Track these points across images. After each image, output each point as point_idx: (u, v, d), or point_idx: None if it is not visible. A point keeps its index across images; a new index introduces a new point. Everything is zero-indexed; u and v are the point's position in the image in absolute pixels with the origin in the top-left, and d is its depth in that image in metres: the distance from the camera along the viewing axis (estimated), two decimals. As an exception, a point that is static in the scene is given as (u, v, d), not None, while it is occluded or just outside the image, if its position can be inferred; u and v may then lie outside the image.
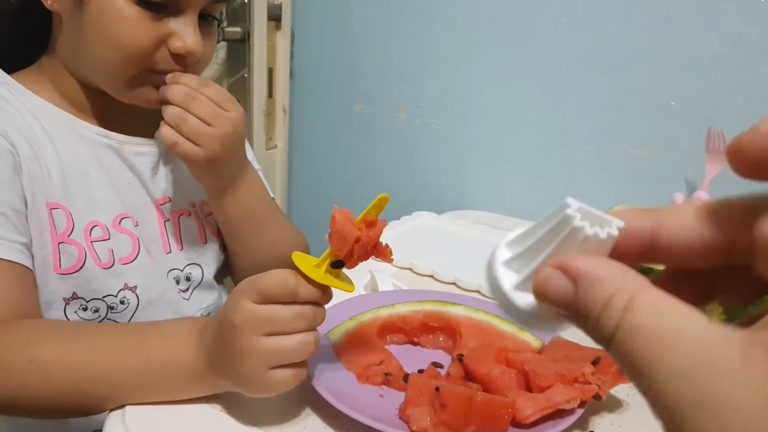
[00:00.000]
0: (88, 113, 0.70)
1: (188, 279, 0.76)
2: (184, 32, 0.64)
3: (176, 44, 0.64)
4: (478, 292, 0.80)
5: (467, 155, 1.15)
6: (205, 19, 0.68)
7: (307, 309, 0.49)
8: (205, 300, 0.79)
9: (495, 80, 1.09)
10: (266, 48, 1.13)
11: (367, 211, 0.50)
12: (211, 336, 0.51)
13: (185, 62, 0.67)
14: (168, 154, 0.76)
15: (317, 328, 0.51)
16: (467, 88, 1.12)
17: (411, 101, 1.18)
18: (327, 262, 0.50)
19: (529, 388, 0.55)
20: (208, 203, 0.79)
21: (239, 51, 1.13)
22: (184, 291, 0.76)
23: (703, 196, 0.90)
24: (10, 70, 0.70)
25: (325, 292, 0.50)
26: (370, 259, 0.51)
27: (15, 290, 0.59)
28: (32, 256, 0.63)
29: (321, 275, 0.49)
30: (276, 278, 0.48)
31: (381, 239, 0.51)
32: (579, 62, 1.01)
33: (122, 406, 0.53)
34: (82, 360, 0.53)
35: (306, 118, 1.28)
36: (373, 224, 0.50)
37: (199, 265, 0.78)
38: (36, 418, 0.56)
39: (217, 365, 0.51)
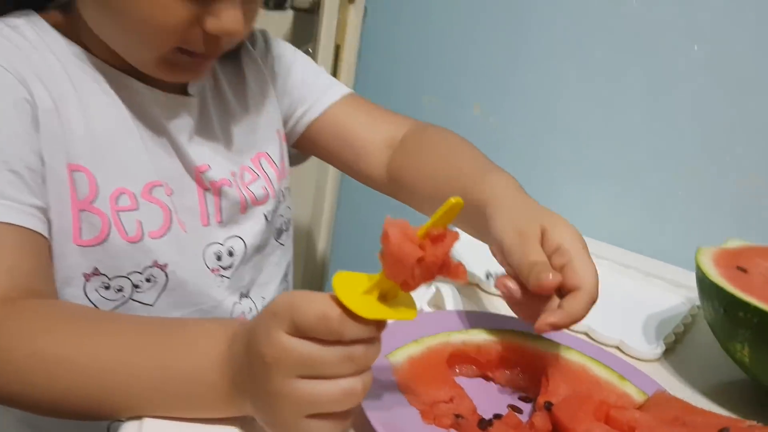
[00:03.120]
0: (120, 64, 0.61)
1: (231, 254, 0.68)
2: (221, 10, 0.55)
3: (211, 24, 0.55)
4: (557, 321, 0.69)
5: (546, 164, 1.04)
6: None
7: (356, 350, 0.39)
8: (245, 277, 0.71)
9: (589, 84, 0.98)
10: (336, 22, 1.03)
11: (432, 221, 0.39)
12: (240, 356, 0.42)
13: (220, 43, 0.58)
14: (207, 114, 0.68)
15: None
16: (555, 90, 1.01)
17: (488, 97, 1.07)
18: (379, 288, 0.40)
19: (637, 458, 0.44)
20: (249, 170, 0.71)
21: (306, 22, 1.04)
22: (225, 268, 0.68)
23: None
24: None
25: (379, 326, 0.39)
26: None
27: (26, 262, 0.52)
28: (49, 222, 0.55)
29: (371, 308, 0.39)
30: (315, 311, 0.38)
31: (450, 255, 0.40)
32: (690, 72, 0.89)
33: (140, 417, 0.45)
34: (93, 362, 0.45)
35: (369, 103, 1.19)
36: (440, 238, 0.39)
37: (241, 238, 0.69)
38: (41, 415, 0.49)
39: (245, 392, 0.42)
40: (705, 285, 0.59)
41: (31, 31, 0.58)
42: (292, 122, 0.79)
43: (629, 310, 0.73)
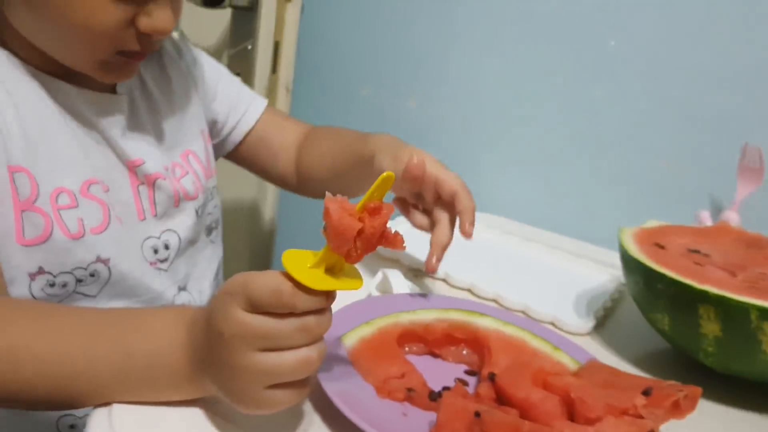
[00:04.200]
0: (48, 68, 0.62)
1: (167, 247, 0.70)
2: (152, 10, 0.58)
3: (144, 24, 0.58)
4: (495, 301, 0.73)
5: (480, 153, 1.08)
6: None
7: (309, 320, 0.41)
8: (181, 270, 0.73)
9: (516, 77, 1.03)
10: (275, 18, 1.05)
11: (368, 195, 0.42)
12: (200, 337, 0.44)
13: (152, 41, 0.60)
14: (137, 111, 0.70)
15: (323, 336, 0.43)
16: (486, 82, 1.06)
17: (423, 90, 1.11)
18: (325, 262, 0.42)
19: (572, 417, 0.49)
20: (179, 165, 0.74)
21: (244, 20, 1.05)
22: (162, 261, 0.70)
23: (732, 216, 0.85)
24: None
25: (329, 297, 0.42)
26: (378, 248, 0.44)
27: None
28: None
29: (320, 280, 0.41)
30: (268, 287, 0.40)
31: (389, 226, 0.43)
32: (608, 65, 0.96)
33: (108, 404, 0.46)
34: (56, 350, 0.46)
35: (309, 98, 1.21)
36: (377, 210, 0.42)
37: (175, 231, 0.72)
38: (6, 407, 0.50)
39: (206, 371, 0.44)
40: (627, 261, 0.65)
41: None
42: (227, 130, 0.85)
43: (561, 288, 0.79)
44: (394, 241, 0.43)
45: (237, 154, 0.88)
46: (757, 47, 0.86)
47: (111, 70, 0.61)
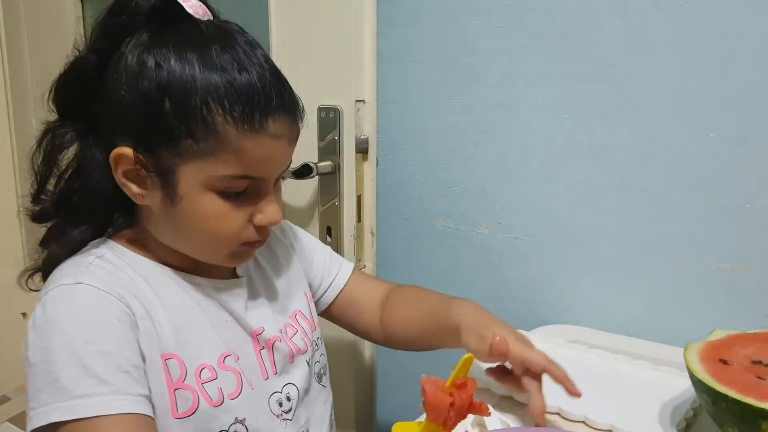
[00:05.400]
0: (182, 265, 0.78)
1: (288, 399, 0.82)
2: (264, 207, 0.73)
3: (259, 219, 0.74)
4: (583, 422, 0.80)
5: (553, 269, 1.17)
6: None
7: None
8: (302, 417, 0.84)
9: (576, 196, 1.12)
10: (354, 178, 1.20)
11: (455, 374, 0.53)
12: None
13: (268, 230, 0.76)
14: (254, 286, 0.85)
15: None
16: (548, 204, 1.15)
17: (493, 216, 1.22)
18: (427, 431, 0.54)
19: None
20: (290, 326, 0.87)
21: (330, 181, 1.22)
22: (286, 412, 0.81)
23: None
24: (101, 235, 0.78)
25: None
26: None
27: None
28: (153, 406, 0.69)
29: None
30: None
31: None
32: (657, 180, 1.03)
33: None
34: None
35: (391, 236, 1.34)
36: (463, 385, 0.54)
37: (293, 384, 0.84)
38: None
39: None
40: (694, 380, 0.71)
41: (113, 256, 0.74)
42: (321, 292, 0.98)
43: (646, 401, 0.84)
44: (480, 408, 0.55)
45: (329, 312, 1.01)
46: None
47: (236, 258, 0.77)
